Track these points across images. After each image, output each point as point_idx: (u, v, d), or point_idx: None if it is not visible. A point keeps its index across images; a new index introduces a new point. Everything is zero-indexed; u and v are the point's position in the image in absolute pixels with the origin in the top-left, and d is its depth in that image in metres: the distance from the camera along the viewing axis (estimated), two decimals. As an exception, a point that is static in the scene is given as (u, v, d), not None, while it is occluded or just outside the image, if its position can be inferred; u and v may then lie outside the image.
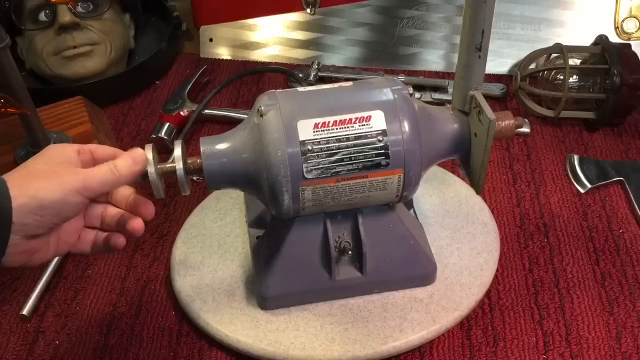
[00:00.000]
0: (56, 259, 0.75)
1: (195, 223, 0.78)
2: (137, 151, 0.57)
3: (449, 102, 0.96)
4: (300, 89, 0.64)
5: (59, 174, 0.52)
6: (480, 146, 0.62)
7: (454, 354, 0.67)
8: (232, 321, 0.67)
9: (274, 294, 0.67)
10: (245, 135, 0.61)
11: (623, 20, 1.00)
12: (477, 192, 0.66)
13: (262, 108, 0.59)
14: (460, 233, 0.75)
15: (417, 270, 0.69)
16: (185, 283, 0.71)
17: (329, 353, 0.64)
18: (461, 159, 0.67)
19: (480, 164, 0.63)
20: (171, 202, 0.83)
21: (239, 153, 0.60)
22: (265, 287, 0.67)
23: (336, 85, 0.64)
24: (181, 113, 0.94)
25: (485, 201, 0.82)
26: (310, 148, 0.59)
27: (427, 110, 0.64)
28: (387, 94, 0.61)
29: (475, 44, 0.61)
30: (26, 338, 0.69)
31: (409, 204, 0.75)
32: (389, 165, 0.60)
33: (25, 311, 0.70)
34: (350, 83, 0.64)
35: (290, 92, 0.63)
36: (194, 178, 0.86)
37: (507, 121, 0.64)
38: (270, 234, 0.69)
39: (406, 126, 0.60)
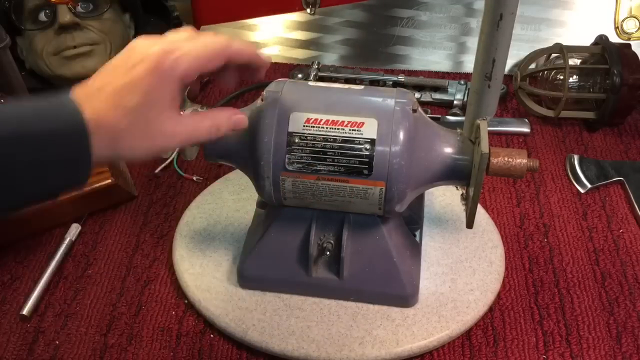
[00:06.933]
0: (56, 259, 0.76)
1: (213, 191, 0.82)
2: (241, 118, 0.55)
3: (449, 101, 0.97)
4: (311, 83, 0.65)
5: (153, 139, 0.49)
6: (474, 178, 0.59)
7: (454, 353, 0.67)
8: (209, 289, 0.70)
9: (250, 274, 0.69)
10: (247, 116, 0.62)
11: (623, 20, 1.00)
12: (467, 226, 0.63)
13: (265, 93, 0.62)
14: (461, 265, 0.72)
15: (395, 289, 0.67)
16: (182, 243, 0.75)
17: (283, 344, 0.65)
18: (466, 188, 0.65)
19: (471, 197, 0.60)
20: (171, 203, 0.83)
21: (237, 131, 0.61)
22: (244, 266, 0.69)
23: (346, 86, 0.64)
24: (181, 113, 0.93)
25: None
26: (296, 141, 0.59)
27: (431, 130, 0.62)
28: (389, 105, 0.60)
29: (485, 73, 0.60)
30: (26, 338, 0.69)
31: (416, 223, 0.73)
32: (371, 176, 0.59)
33: (25, 311, 0.70)
34: (362, 87, 0.64)
35: (298, 84, 0.64)
36: (194, 178, 0.86)
37: (518, 160, 0.59)
38: (264, 217, 0.71)
39: (397, 140, 0.58)
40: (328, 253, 0.66)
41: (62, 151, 0.45)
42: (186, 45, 0.50)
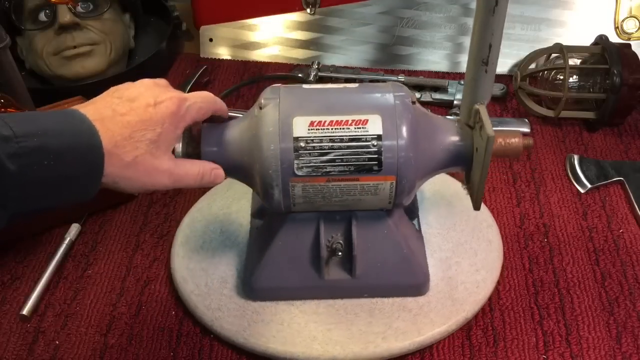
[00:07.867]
0: (56, 259, 0.76)
1: (202, 208, 0.80)
2: (219, 172, 0.60)
3: (449, 101, 0.97)
4: (305, 86, 0.64)
5: (152, 175, 0.53)
6: (479, 162, 0.60)
7: (454, 353, 0.67)
8: (219, 307, 0.68)
9: (262, 286, 0.68)
10: (245, 125, 0.61)
11: (623, 20, 1.00)
12: (475, 208, 0.64)
13: (262, 101, 0.61)
14: (462, 248, 0.73)
15: (409, 279, 0.68)
16: (182, 264, 0.73)
17: (308, 351, 0.64)
18: (465, 173, 0.66)
19: (478, 180, 0.61)
20: (171, 203, 0.83)
21: (236, 142, 0.61)
22: (255, 278, 0.68)
23: (341, 85, 0.64)
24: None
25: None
26: (303, 145, 0.59)
27: (430, 120, 0.63)
28: (389, 100, 0.60)
29: (482, 58, 0.60)
30: (26, 338, 0.69)
31: (413, 213, 0.74)
32: (381, 171, 0.59)
33: (25, 311, 0.70)
34: (356, 85, 0.64)
35: (294, 88, 0.63)
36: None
37: (513, 139, 0.62)
38: (265, 226, 0.70)
39: (403, 133, 0.59)
40: (340, 254, 0.66)
41: (77, 166, 0.47)
42: (192, 97, 0.56)
